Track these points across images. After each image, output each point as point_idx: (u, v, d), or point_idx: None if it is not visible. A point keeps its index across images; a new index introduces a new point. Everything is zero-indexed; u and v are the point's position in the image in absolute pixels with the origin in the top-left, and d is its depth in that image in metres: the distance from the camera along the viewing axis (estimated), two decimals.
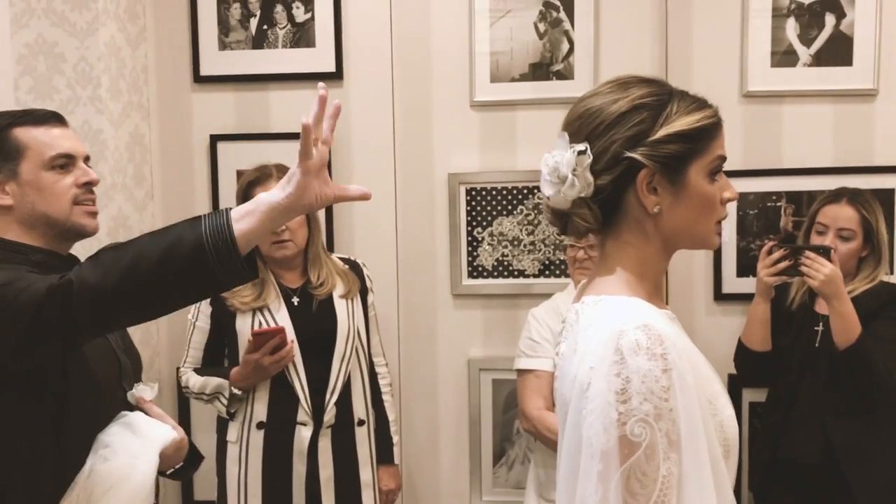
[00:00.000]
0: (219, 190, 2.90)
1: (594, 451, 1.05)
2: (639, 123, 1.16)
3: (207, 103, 2.92)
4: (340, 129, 2.85)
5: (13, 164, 1.61)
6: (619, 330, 1.07)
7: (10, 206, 1.62)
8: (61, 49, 2.62)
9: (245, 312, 2.37)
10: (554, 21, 2.77)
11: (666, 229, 1.18)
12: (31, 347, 1.42)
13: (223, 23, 2.88)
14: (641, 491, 1.03)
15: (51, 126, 1.67)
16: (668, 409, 1.04)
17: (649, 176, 1.15)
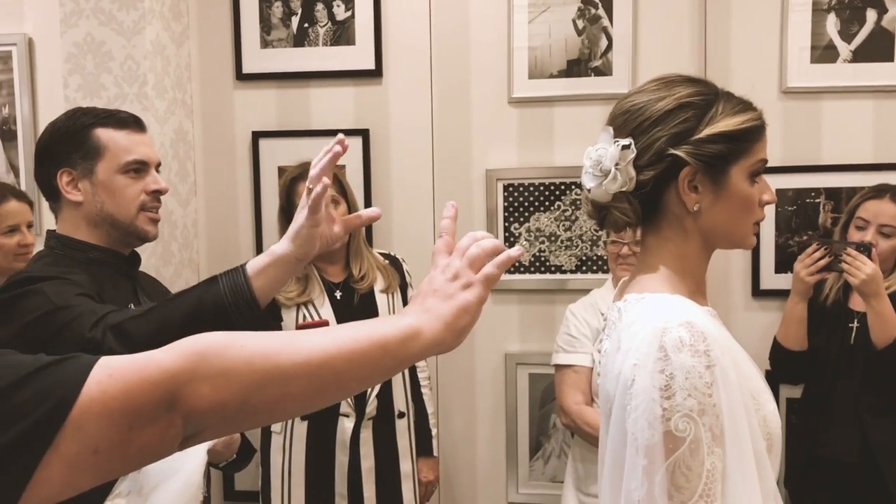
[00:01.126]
0: (260, 186, 2.96)
1: (639, 446, 1.07)
2: (684, 121, 1.18)
3: (249, 100, 2.97)
4: (379, 127, 2.90)
5: (90, 162, 1.66)
6: (662, 327, 1.09)
7: (80, 202, 1.67)
8: (109, 48, 2.68)
9: (290, 307, 2.43)
10: (592, 17, 2.78)
11: (704, 227, 1.20)
12: None
13: (265, 21, 2.93)
14: (686, 485, 1.05)
15: (131, 131, 1.71)
16: (711, 405, 1.06)
17: (691, 174, 1.18)
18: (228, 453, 1.76)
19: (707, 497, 1.05)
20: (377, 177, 2.91)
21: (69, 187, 1.67)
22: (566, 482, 2.52)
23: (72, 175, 1.67)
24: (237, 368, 0.84)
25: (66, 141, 1.67)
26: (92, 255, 1.68)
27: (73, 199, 1.67)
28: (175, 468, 1.55)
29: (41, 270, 1.61)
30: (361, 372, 0.88)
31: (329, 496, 2.41)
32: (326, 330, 0.91)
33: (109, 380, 0.81)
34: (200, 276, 3.03)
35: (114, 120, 1.71)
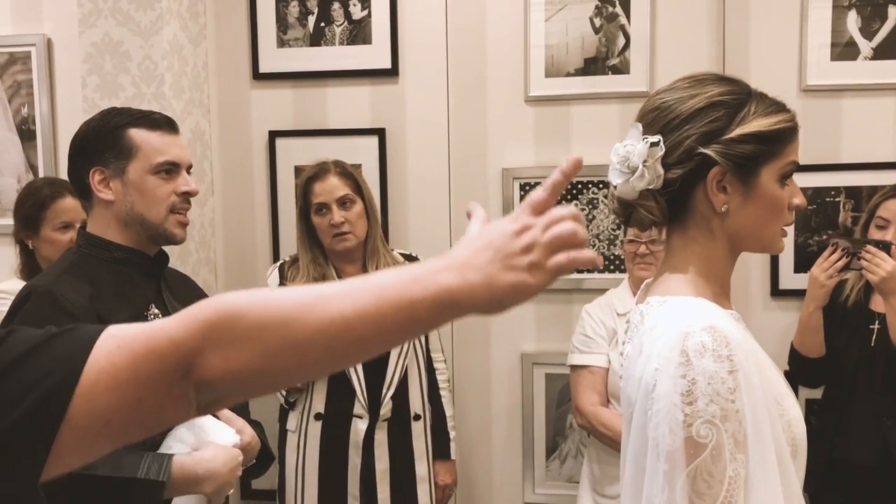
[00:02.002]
0: (277, 185, 2.96)
1: (660, 451, 1.06)
2: (715, 120, 1.16)
3: (266, 100, 2.97)
4: (396, 126, 2.90)
5: (123, 162, 1.67)
6: (684, 332, 1.08)
7: (111, 201, 1.68)
8: (126, 48, 2.69)
9: None
10: (610, 16, 2.76)
11: (732, 229, 1.19)
12: None
13: (281, 20, 2.93)
14: (708, 491, 1.04)
15: (164, 132, 1.72)
16: (734, 411, 1.05)
17: (720, 174, 1.16)
18: (247, 458, 1.76)
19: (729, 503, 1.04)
20: (393, 176, 2.91)
21: (101, 186, 1.68)
22: (582, 483, 2.51)
23: (104, 174, 1.68)
24: (250, 338, 0.80)
25: (100, 140, 1.69)
26: (116, 254, 1.70)
27: (104, 197, 1.69)
28: None
29: (48, 281, 1.61)
30: (385, 337, 0.82)
31: (342, 497, 2.41)
32: (348, 289, 0.82)
33: (118, 350, 0.79)
34: (218, 276, 3.04)
35: (147, 121, 1.72)
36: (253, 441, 1.76)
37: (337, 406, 2.41)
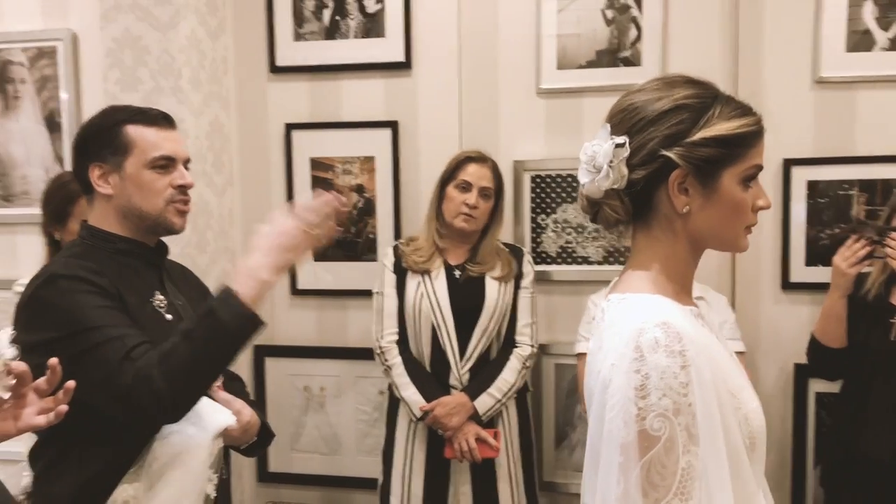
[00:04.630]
0: (293, 176, 3.02)
1: (615, 444, 1.09)
2: (678, 123, 1.17)
3: (283, 93, 3.03)
4: (408, 118, 2.93)
5: (120, 158, 1.73)
6: (638, 328, 1.10)
7: (110, 195, 1.74)
8: (146, 42, 2.76)
9: (414, 273, 2.55)
10: (622, 7, 2.76)
11: (694, 229, 1.20)
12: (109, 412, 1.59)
13: (298, 14, 2.98)
14: (661, 483, 1.06)
15: (160, 127, 1.77)
16: (686, 404, 1.07)
17: (682, 176, 1.17)
18: (247, 437, 1.82)
19: (682, 495, 1.06)
20: (406, 168, 2.94)
21: (100, 181, 1.74)
22: None
23: (103, 169, 1.74)
24: None
25: (99, 137, 1.75)
26: (118, 245, 1.75)
27: (103, 192, 1.74)
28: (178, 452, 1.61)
29: (65, 267, 1.68)
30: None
31: (444, 488, 2.55)
32: None
33: None
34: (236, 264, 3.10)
35: (144, 117, 1.77)
36: (252, 420, 1.81)
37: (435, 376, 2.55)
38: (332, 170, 2.99)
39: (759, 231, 2.72)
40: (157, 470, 1.61)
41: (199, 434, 1.65)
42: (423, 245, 2.59)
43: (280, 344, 3.11)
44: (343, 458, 3.10)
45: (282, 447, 3.14)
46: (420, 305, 2.53)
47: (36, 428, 1.34)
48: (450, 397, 2.49)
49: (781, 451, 2.79)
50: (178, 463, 1.62)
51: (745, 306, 2.75)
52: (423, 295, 2.53)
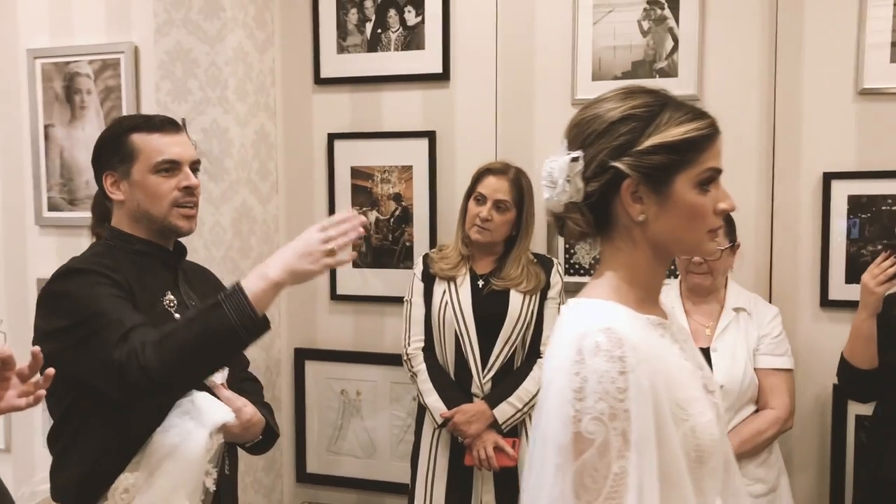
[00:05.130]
0: (335, 185, 3.10)
1: (553, 445, 1.10)
2: (625, 134, 1.18)
3: (326, 103, 3.12)
4: (446, 128, 2.98)
5: (127, 165, 1.82)
6: (582, 332, 1.11)
7: (122, 200, 1.84)
8: (195, 55, 2.90)
9: (441, 280, 2.60)
10: (658, 18, 2.74)
11: (653, 237, 1.20)
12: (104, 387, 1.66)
13: (342, 27, 3.07)
14: (593, 486, 1.07)
15: (164, 133, 1.85)
16: (623, 410, 1.07)
17: (633, 185, 1.18)
18: (249, 436, 1.88)
19: (613, 499, 1.06)
20: (442, 177, 2.99)
21: (113, 188, 1.84)
22: None
23: (114, 177, 1.84)
24: None
25: (108, 147, 1.85)
26: (137, 246, 1.85)
27: (115, 198, 1.85)
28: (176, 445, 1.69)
29: (83, 262, 1.78)
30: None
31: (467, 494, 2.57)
32: None
33: None
34: None
35: (148, 124, 1.85)
36: (254, 418, 1.87)
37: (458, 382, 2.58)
38: (371, 178, 3.06)
39: (797, 246, 2.66)
40: (156, 461, 1.69)
41: (197, 429, 1.73)
42: (450, 253, 2.63)
43: (319, 348, 3.19)
44: (378, 462, 3.15)
45: (320, 449, 3.22)
46: (444, 313, 2.56)
47: (16, 409, 1.43)
48: (470, 405, 2.51)
49: (820, 472, 2.70)
50: (175, 455, 1.70)
51: (782, 322, 2.68)
52: (447, 303, 2.57)
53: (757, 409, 2.34)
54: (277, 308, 3.21)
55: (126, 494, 1.68)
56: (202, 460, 1.72)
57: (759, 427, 2.29)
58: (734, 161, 2.71)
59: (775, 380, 2.32)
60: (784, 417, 2.31)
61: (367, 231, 1.70)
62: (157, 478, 1.68)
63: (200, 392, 1.78)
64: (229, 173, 2.90)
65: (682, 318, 2.40)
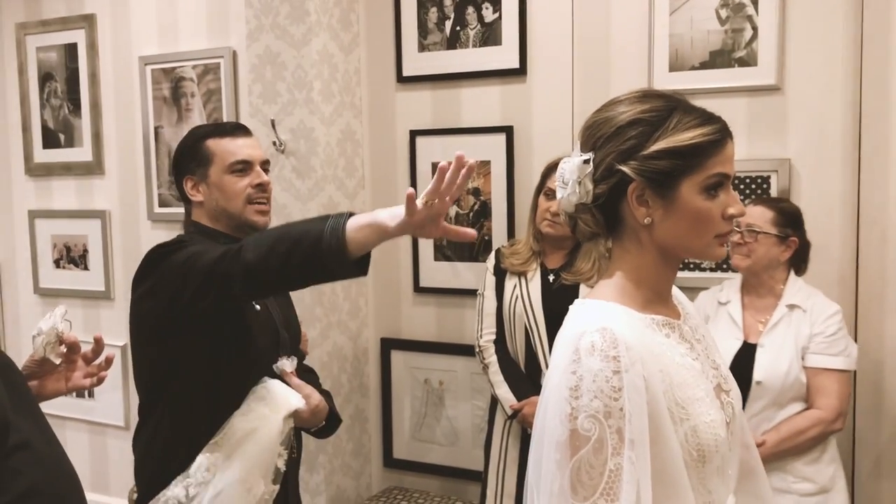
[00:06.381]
0: (416, 180, 3.19)
1: (553, 441, 1.14)
2: (633, 138, 1.20)
3: (408, 101, 3.21)
4: (523, 123, 3.01)
5: (204, 168, 1.99)
6: (580, 332, 1.14)
7: (201, 201, 2.01)
8: (283, 58, 3.04)
9: (512, 275, 2.66)
10: (736, 6, 2.68)
11: (659, 239, 1.22)
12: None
13: (422, 26, 3.14)
14: (589, 482, 1.10)
15: (235, 136, 2.02)
16: (618, 408, 1.10)
17: (639, 189, 1.20)
18: (315, 421, 2.00)
19: (608, 495, 1.09)
20: (520, 172, 3.02)
21: (193, 191, 2.01)
22: None
23: (193, 181, 2.01)
24: None
25: (186, 154, 2.03)
26: (220, 240, 1.99)
27: (196, 200, 2.01)
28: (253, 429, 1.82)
29: (191, 238, 1.93)
30: None
31: None
32: None
33: None
34: None
35: (219, 130, 2.03)
36: (320, 405, 1.98)
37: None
38: None
39: (885, 243, 2.55)
40: (235, 442, 1.83)
41: (271, 413, 1.86)
42: (521, 248, 2.67)
43: (404, 338, 3.30)
44: (459, 450, 3.23)
45: (406, 436, 3.33)
46: (514, 307, 2.61)
47: (82, 388, 1.59)
48: (539, 397, 2.55)
49: None
50: (253, 437, 1.83)
51: (868, 322, 2.58)
52: (517, 297, 2.61)
53: (805, 408, 2.27)
54: (365, 299, 3.34)
55: (207, 473, 1.82)
56: (276, 443, 1.85)
57: (800, 426, 2.23)
58: (816, 154, 2.62)
59: (824, 380, 2.25)
60: (829, 419, 2.23)
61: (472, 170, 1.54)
62: (235, 458, 1.81)
63: (273, 380, 1.91)
64: (315, 171, 3.03)
65: (737, 311, 2.39)
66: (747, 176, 2.68)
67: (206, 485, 1.78)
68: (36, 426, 1.34)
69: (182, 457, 1.84)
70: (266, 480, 1.85)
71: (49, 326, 1.54)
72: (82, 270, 3.85)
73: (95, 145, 3.76)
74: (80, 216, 3.82)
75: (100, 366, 1.61)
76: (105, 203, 3.77)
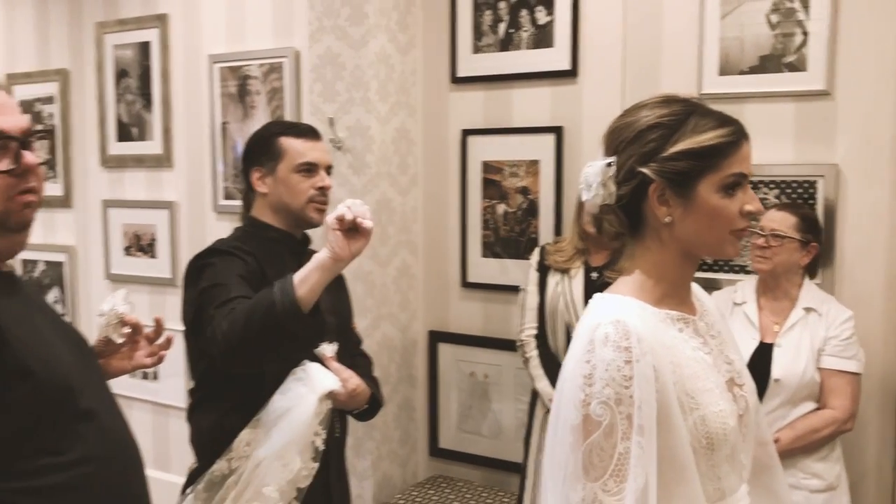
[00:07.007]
0: (467, 178, 3.28)
1: (567, 425, 1.22)
2: (653, 141, 1.27)
3: (461, 101, 3.30)
4: (573, 124, 3.08)
5: (274, 163, 2.12)
6: (595, 323, 1.22)
7: (266, 193, 2.14)
8: (343, 59, 3.17)
9: (555, 272, 2.74)
10: (787, 12, 2.69)
11: (679, 237, 1.29)
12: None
13: (477, 28, 3.23)
14: (600, 464, 1.18)
15: (307, 139, 2.15)
16: (628, 396, 1.17)
17: (659, 189, 1.27)
18: (354, 404, 2.10)
19: (617, 476, 1.17)
20: (570, 172, 3.08)
21: (259, 182, 2.14)
22: None
23: (261, 172, 2.14)
24: None
25: (259, 146, 2.16)
26: (270, 234, 2.13)
27: (261, 190, 2.14)
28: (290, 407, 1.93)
29: (225, 244, 2.08)
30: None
31: None
32: None
33: None
34: (418, 257, 3.44)
35: (294, 130, 2.16)
36: (359, 389, 2.08)
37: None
38: (500, 172, 3.21)
39: None
40: (273, 419, 1.95)
41: (308, 394, 1.97)
42: (565, 246, 2.74)
43: (451, 331, 3.40)
44: (503, 443, 3.31)
45: (452, 427, 3.43)
46: (557, 304, 2.68)
47: (144, 367, 1.72)
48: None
49: None
50: (289, 415, 1.95)
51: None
52: (560, 294, 2.68)
53: (818, 407, 2.34)
54: (414, 292, 3.44)
55: (248, 447, 1.95)
56: (312, 422, 1.96)
57: (815, 425, 2.32)
58: (865, 160, 2.63)
59: (838, 381, 2.33)
60: (842, 419, 2.33)
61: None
62: (273, 434, 1.93)
63: (313, 363, 2.03)
64: (370, 167, 3.15)
65: (753, 312, 2.45)
66: (794, 180, 2.70)
67: (246, 458, 1.91)
68: (104, 400, 1.47)
69: (228, 433, 1.97)
70: (303, 457, 1.95)
71: (110, 308, 1.67)
72: (150, 258, 4.05)
73: (165, 139, 3.95)
74: (150, 206, 4.02)
75: (160, 346, 1.74)
76: (173, 194, 3.96)
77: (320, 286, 1.74)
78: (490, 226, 3.25)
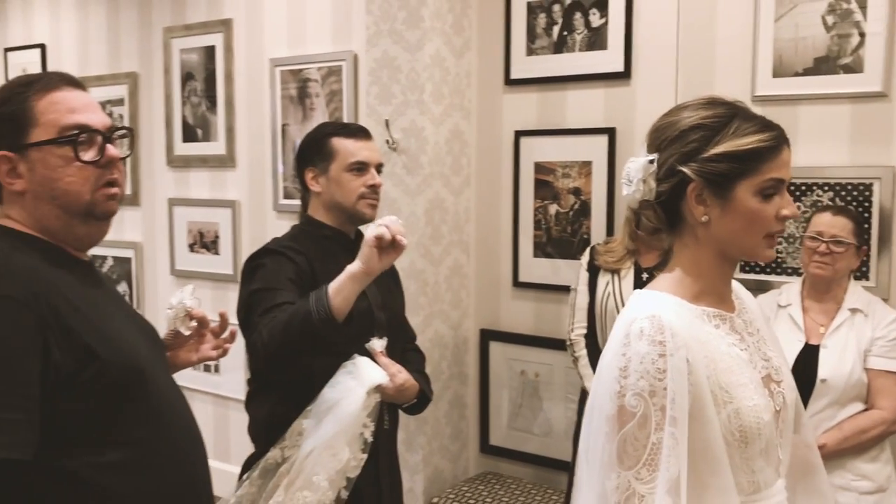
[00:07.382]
0: (519, 179, 3.33)
1: (603, 415, 1.26)
2: (694, 142, 1.30)
3: (515, 103, 3.35)
4: (626, 126, 3.10)
5: (326, 163, 2.20)
6: (632, 318, 1.26)
7: (319, 192, 2.22)
8: (399, 62, 3.24)
9: (605, 272, 2.77)
10: (844, 13, 2.67)
11: (715, 237, 1.32)
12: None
13: (531, 31, 3.28)
14: (633, 453, 1.22)
15: (357, 139, 2.22)
16: (662, 388, 1.21)
17: (698, 189, 1.30)
18: (403, 398, 2.16)
19: (650, 465, 1.21)
20: (621, 172, 3.09)
21: (312, 182, 2.22)
22: None
23: (314, 172, 2.22)
24: None
25: (312, 147, 2.24)
26: (324, 232, 2.21)
27: (314, 189, 2.22)
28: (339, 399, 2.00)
29: (279, 244, 2.17)
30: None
31: None
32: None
33: None
34: (470, 256, 3.50)
35: (345, 130, 2.23)
36: (407, 384, 2.13)
37: None
38: (552, 173, 3.25)
39: None
40: (323, 410, 2.02)
41: (357, 386, 2.04)
42: (616, 247, 2.76)
43: (502, 330, 3.44)
44: (553, 441, 3.35)
45: (503, 424, 3.48)
46: (606, 304, 2.70)
47: (210, 359, 1.81)
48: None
49: None
50: (338, 407, 2.01)
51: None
52: (609, 294, 2.70)
53: (865, 408, 2.31)
54: (466, 291, 3.50)
55: (299, 437, 2.03)
56: (360, 414, 2.03)
57: (863, 425, 2.30)
58: None
59: (886, 381, 2.31)
60: (890, 419, 2.31)
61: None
62: (323, 425, 2.01)
63: (362, 357, 2.09)
64: (423, 168, 3.22)
65: (798, 314, 2.44)
66: (849, 183, 2.67)
67: (297, 448, 1.98)
68: (172, 387, 1.56)
69: (281, 423, 2.05)
70: (352, 448, 2.02)
71: (178, 301, 1.76)
72: (213, 255, 4.19)
73: (228, 140, 4.09)
74: (213, 205, 4.16)
75: (225, 339, 1.83)
76: (235, 193, 4.09)
77: (353, 296, 1.88)
78: (542, 226, 3.29)
